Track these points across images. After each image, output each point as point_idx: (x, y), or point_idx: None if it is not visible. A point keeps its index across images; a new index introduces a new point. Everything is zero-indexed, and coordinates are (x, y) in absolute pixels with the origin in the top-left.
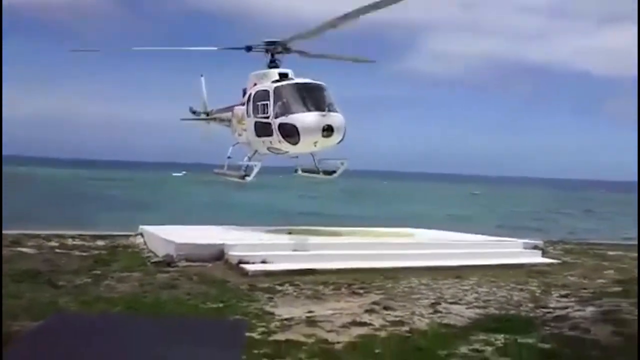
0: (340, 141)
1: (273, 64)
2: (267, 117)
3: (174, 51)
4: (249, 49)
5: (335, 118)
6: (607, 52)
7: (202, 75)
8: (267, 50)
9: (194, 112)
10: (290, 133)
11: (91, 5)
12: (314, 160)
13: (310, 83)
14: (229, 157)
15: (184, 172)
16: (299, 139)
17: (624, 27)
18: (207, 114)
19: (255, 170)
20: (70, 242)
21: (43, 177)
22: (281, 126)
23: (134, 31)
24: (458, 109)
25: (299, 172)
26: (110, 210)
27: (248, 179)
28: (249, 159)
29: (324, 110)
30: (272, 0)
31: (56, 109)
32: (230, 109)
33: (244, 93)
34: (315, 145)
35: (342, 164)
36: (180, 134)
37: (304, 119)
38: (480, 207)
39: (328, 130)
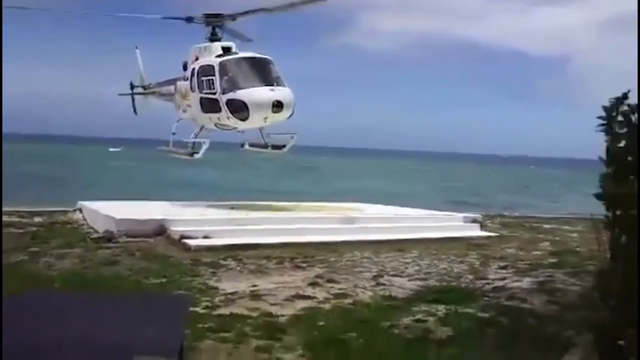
0: (290, 116)
1: (214, 37)
2: (214, 93)
3: (112, 16)
4: (189, 19)
5: (284, 93)
6: (541, 32)
7: (136, 48)
8: (207, 23)
9: (132, 87)
10: (239, 109)
11: None
12: (261, 134)
13: (256, 57)
14: (173, 134)
15: (122, 147)
16: (248, 115)
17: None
18: (144, 88)
19: (204, 147)
20: (6, 219)
21: None
22: (229, 102)
23: None
24: (395, 85)
25: (246, 146)
26: (44, 187)
27: (197, 155)
28: (196, 135)
29: (272, 85)
30: None
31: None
32: (171, 82)
33: (184, 67)
34: (265, 121)
35: (291, 137)
36: (116, 108)
37: (253, 94)
38: (419, 182)
39: (277, 105)
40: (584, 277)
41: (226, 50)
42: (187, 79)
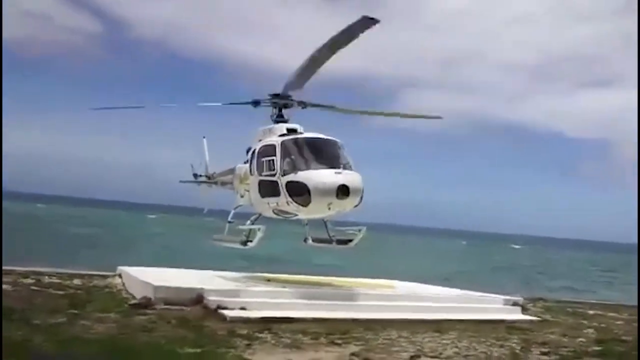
0: (357, 205)
1: (280, 119)
2: (274, 175)
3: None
4: (256, 103)
5: (352, 177)
6: (581, 115)
7: (204, 137)
8: (274, 104)
9: (195, 176)
10: (300, 192)
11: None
12: (326, 227)
13: (322, 138)
14: (229, 222)
15: (157, 214)
16: (309, 200)
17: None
18: (209, 177)
19: (259, 235)
20: (46, 279)
21: (18, 213)
22: (289, 185)
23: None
24: (438, 163)
25: (309, 241)
26: (88, 249)
27: (250, 244)
28: (252, 222)
29: (338, 168)
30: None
31: (36, 146)
32: (232, 170)
33: (248, 151)
34: (329, 209)
35: (359, 231)
36: (153, 174)
37: (315, 176)
38: (458, 261)
39: (343, 190)
40: None
41: (291, 131)
42: (248, 161)
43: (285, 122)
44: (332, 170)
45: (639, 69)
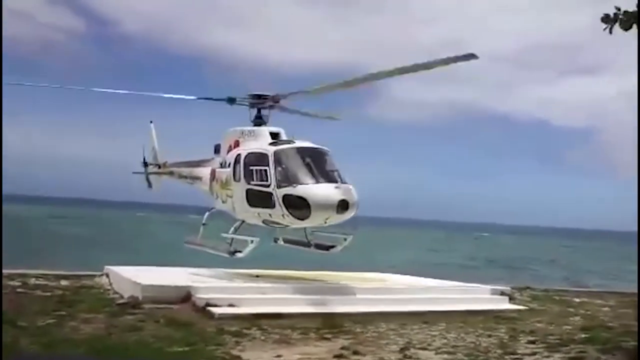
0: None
1: (259, 120)
2: (267, 186)
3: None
4: (231, 101)
5: (350, 192)
6: (567, 103)
7: (151, 122)
8: (252, 105)
9: (145, 164)
10: (299, 207)
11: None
12: (304, 230)
13: (315, 148)
14: (204, 224)
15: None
16: (308, 215)
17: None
18: (159, 167)
19: (251, 246)
20: (33, 281)
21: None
22: (287, 198)
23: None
24: (423, 155)
25: (280, 242)
26: (74, 249)
27: (239, 255)
28: (236, 229)
29: (336, 182)
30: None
31: (17, 146)
32: (196, 165)
33: (216, 150)
34: (325, 222)
35: (344, 239)
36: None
37: (317, 192)
38: (446, 252)
39: (343, 205)
40: (617, 354)
41: (274, 136)
42: (229, 165)
43: (265, 123)
44: (332, 185)
45: (638, 60)
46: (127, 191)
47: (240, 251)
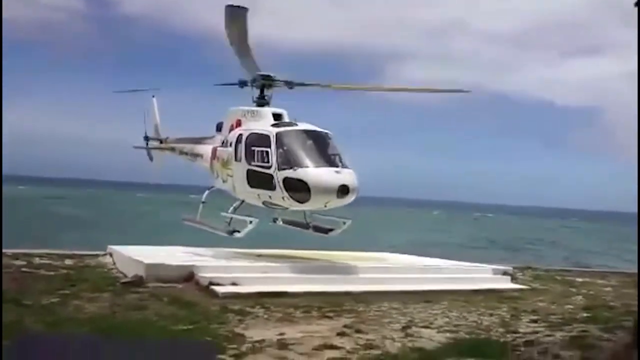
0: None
1: (262, 100)
2: (268, 168)
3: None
4: (243, 84)
5: (351, 176)
6: (570, 83)
7: (153, 96)
8: (258, 85)
9: (147, 139)
10: (299, 190)
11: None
12: (304, 212)
13: (318, 131)
14: (203, 202)
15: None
16: (308, 198)
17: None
18: (160, 142)
19: (250, 227)
20: (37, 261)
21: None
22: (287, 181)
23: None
24: (427, 136)
25: (279, 222)
26: (77, 229)
27: (238, 235)
28: (235, 209)
29: (337, 167)
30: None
31: (17, 125)
32: (197, 141)
33: (218, 128)
34: (325, 206)
35: (343, 223)
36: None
37: (317, 176)
38: (446, 232)
39: (343, 190)
40: (618, 333)
41: (277, 117)
42: (230, 144)
43: (267, 104)
44: (332, 169)
45: (638, 61)
46: (127, 171)
47: (238, 231)
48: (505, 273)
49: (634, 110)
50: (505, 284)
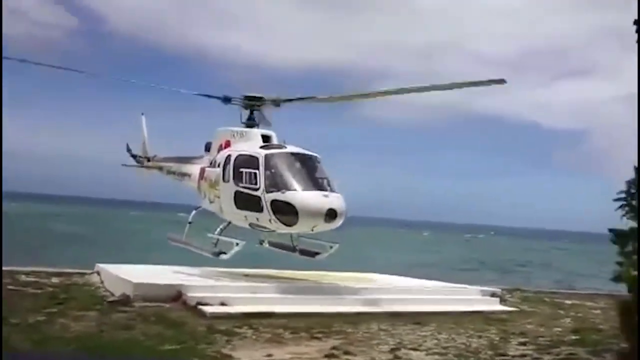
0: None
1: (251, 122)
2: (255, 190)
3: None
4: (227, 100)
5: (338, 201)
6: (557, 105)
7: (142, 114)
8: (245, 106)
9: (134, 157)
10: (286, 213)
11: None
12: (291, 235)
13: (307, 154)
14: (189, 223)
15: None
16: (296, 222)
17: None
18: (148, 160)
19: (236, 249)
20: (23, 278)
21: None
22: (275, 203)
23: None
24: (415, 155)
25: (265, 244)
26: (67, 247)
27: (224, 257)
28: (222, 230)
29: (325, 190)
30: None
31: (7, 142)
32: (186, 161)
33: (207, 148)
34: (312, 230)
35: (330, 247)
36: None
37: (305, 199)
38: (437, 254)
39: (331, 214)
40: (606, 357)
41: (266, 139)
42: (218, 165)
43: (256, 125)
44: (320, 193)
45: (638, 63)
46: (123, 188)
47: (225, 252)
48: (493, 295)
49: (627, 131)
50: (494, 305)
